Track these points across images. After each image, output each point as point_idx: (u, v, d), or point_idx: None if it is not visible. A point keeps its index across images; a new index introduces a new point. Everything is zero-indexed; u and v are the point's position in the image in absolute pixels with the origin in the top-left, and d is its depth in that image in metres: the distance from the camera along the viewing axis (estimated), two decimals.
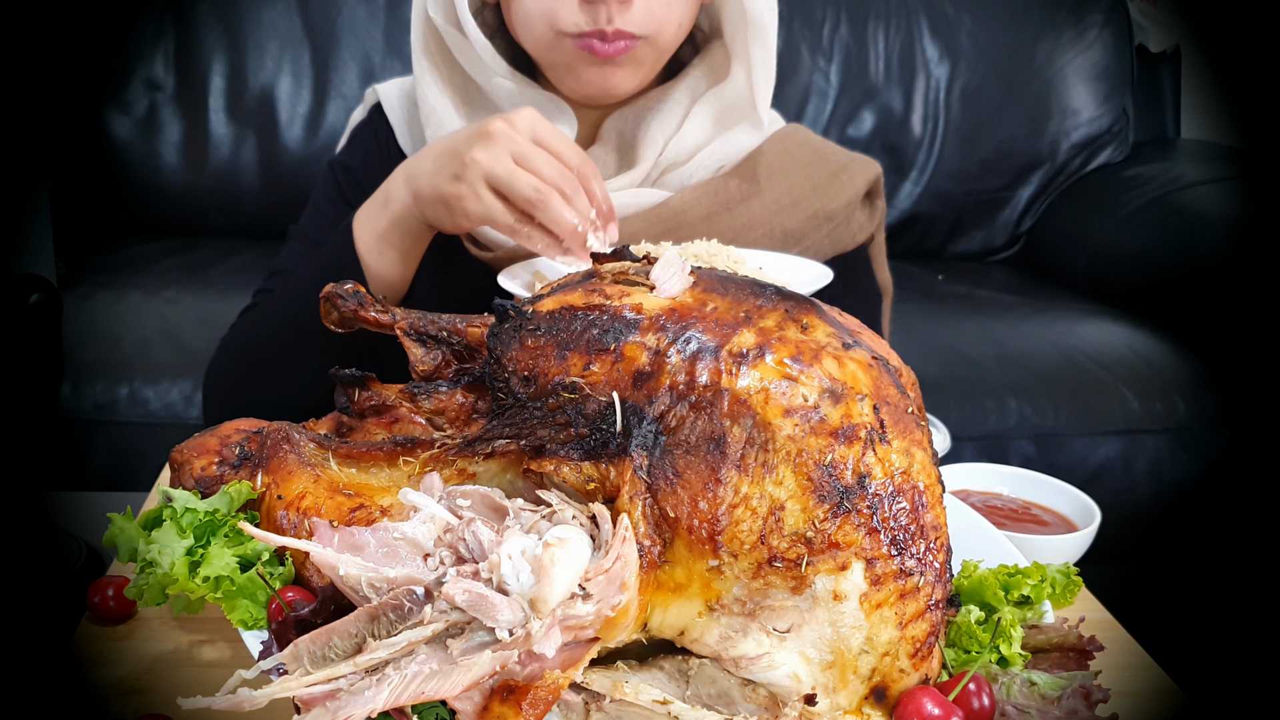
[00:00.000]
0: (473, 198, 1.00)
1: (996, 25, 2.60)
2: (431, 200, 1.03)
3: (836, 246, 1.24)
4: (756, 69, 1.18)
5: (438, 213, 1.04)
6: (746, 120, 1.22)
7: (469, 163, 0.99)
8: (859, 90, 2.58)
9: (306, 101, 2.43)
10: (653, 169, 1.22)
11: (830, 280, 1.08)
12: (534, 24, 1.12)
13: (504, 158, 0.99)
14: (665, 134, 1.21)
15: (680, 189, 1.22)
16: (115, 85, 2.39)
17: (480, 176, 0.99)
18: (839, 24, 2.57)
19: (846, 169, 1.26)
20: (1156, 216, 2.30)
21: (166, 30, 2.41)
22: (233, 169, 2.42)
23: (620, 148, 1.23)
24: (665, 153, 1.21)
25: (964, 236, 2.67)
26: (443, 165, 1.02)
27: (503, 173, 0.99)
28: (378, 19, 2.44)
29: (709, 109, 1.22)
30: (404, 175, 1.07)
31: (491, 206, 0.99)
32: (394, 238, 1.08)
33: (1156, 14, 2.82)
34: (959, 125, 2.59)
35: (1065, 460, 1.89)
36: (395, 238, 1.08)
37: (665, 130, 1.21)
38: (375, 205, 1.09)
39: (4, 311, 0.99)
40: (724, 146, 1.22)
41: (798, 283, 1.07)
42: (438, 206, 1.03)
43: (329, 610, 0.62)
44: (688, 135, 1.21)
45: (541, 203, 0.98)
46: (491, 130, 1.00)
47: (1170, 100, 2.88)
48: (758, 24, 1.16)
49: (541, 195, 0.98)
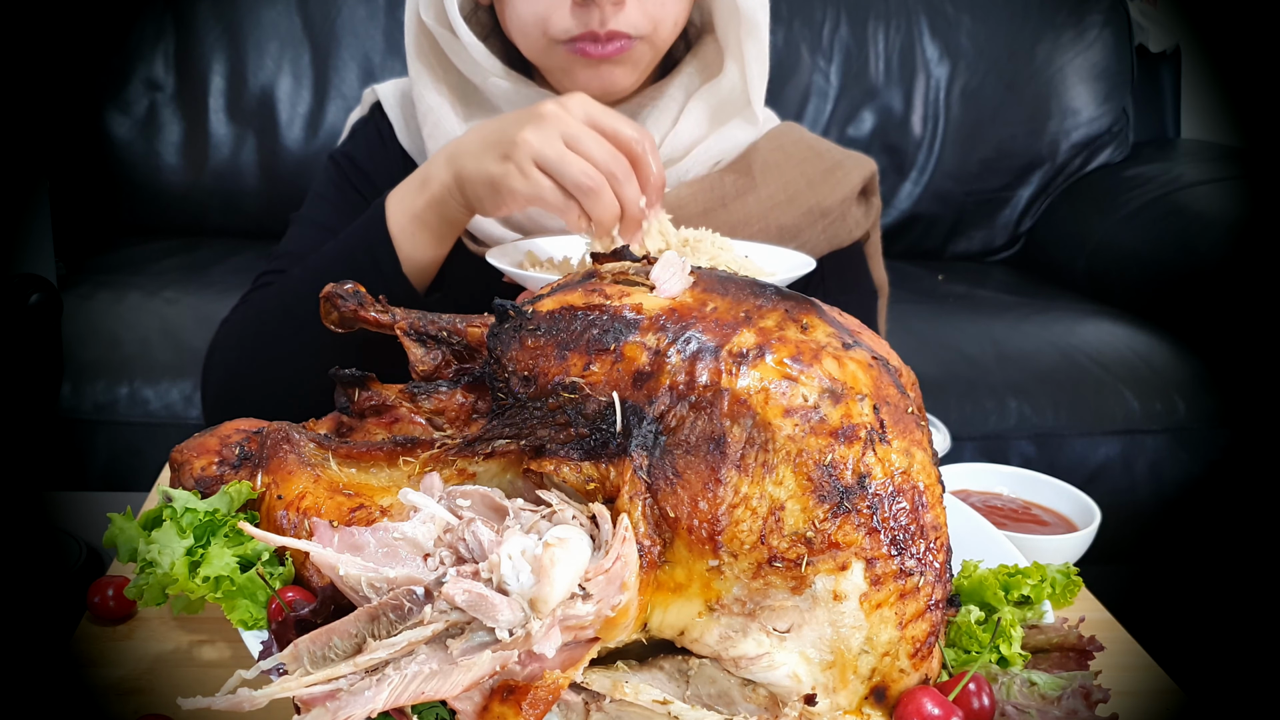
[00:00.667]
0: (520, 176, 0.97)
1: (996, 25, 2.61)
2: (477, 181, 1.01)
3: (832, 242, 1.24)
4: (750, 64, 1.18)
5: (481, 194, 1.02)
6: (741, 115, 1.22)
7: (519, 143, 0.97)
8: (859, 90, 2.58)
9: (306, 101, 2.43)
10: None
11: (813, 268, 1.07)
12: (528, 29, 1.12)
13: (555, 140, 0.97)
14: (661, 131, 1.21)
15: (676, 185, 1.22)
16: (115, 85, 2.39)
17: (529, 157, 0.97)
18: (839, 24, 2.57)
19: (841, 165, 1.26)
20: (1156, 216, 2.30)
21: (166, 30, 2.41)
22: (233, 169, 2.42)
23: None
24: (661, 149, 1.21)
25: (964, 236, 2.67)
26: (490, 146, 1.01)
27: (553, 155, 0.96)
28: (378, 19, 2.44)
29: (704, 105, 1.22)
30: (446, 156, 1.05)
31: (540, 184, 0.97)
32: (430, 219, 1.06)
33: (1156, 14, 2.82)
34: (959, 125, 2.59)
35: (1065, 460, 1.89)
36: (431, 219, 1.06)
37: (661, 127, 1.21)
38: (412, 186, 1.08)
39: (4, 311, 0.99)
40: (719, 142, 1.22)
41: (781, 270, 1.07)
42: (483, 187, 1.01)
43: (329, 610, 0.62)
44: (683, 132, 1.21)
45: (591, 191, 0.96)
46: (543, 112, 0.98)
47: (1170, 100, 2.88)
48: (750, 19, 1.16)
49: (592, 182, 0.96)
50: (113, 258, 2.26)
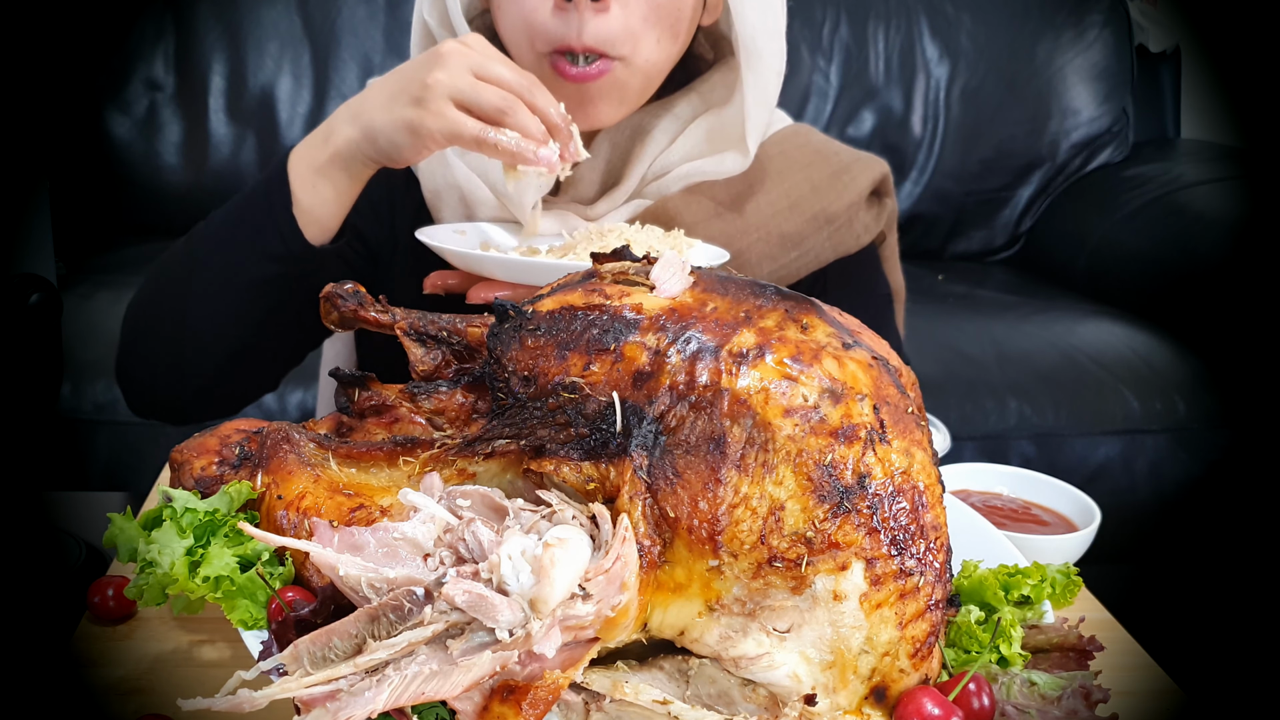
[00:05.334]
0: (436, 115, 0.99)
1: (996, 25, 2.61)
2: (391, 129, 1.02)
3: (839, 249, 1.22)
4: (748, 93, 1.14)
5: (399, 140, 1.02)
6: (736, 149, 1.19)
7: (430, 84, 0.99)
8: (859, 90, 2.58)
9: (306, 101, 2.44)
10: (639, 185, 1.21)
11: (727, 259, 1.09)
12: (517, 39, 1.11)
13: (465, 73, 0.99)
14: (657, 148, 1.19)
15: (661, 198, 1.19)
16: (115, 85, 2.39)
17: (444, 95, 0.99)
18: (839, 24, 2.57)
19: (849, 169, 1.23)
20: (1156, 216, 2.30)
21: (166, 30, 2.41)
22: (233, 169, 2.42)
23: (612, 161, 1.21)
24: (652, 166, 1.20)
25: (964, 236, 2.67)
26: (398, 93, 1.02)
27: (466, 86, 0.99)
28: (378, 19, 2.44)
29: (703, 128, 1.20)
30: (350, 112, 1.06)
31: (456, 120, 0.99)
32: (331, 172, 1.07)
33: (1156, 14, 2.82)
34: (959, 125, 2.59)
35: (1065, 460, 1.90)
36: (333, 172, 1.07)
37: (658, 144, 1.19)
38: (315, 140, 1.08)
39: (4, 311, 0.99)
40: (707, 166, 1.19)
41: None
42: (398, 134, 1.01)
43: (329, 610, 0.62)
44: (676, 150, 1.19)
45: (510, 108, 0.99)
46: (445, 51, 1.01)
47: (1170, 100, 2.88)
48: (750, 47, 1.12)
49: (508, 101, 0.99)
50: (113, 258, 2.27)
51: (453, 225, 1.16)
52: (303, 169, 1.07)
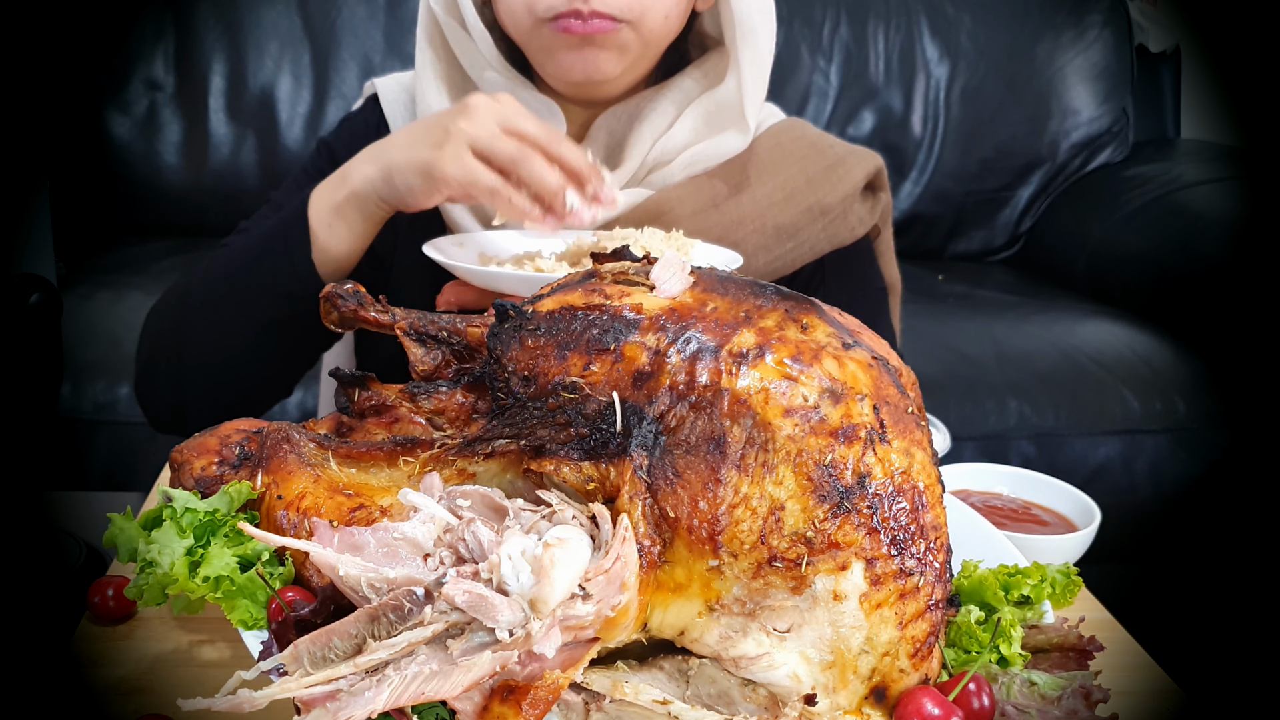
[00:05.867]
0: (452, 159, 1.00)
1: (996, 25, 2.61)
2: (408, 169, 1.03)
3: (833, 241, 1.23)
4: (745, 70, 1.17)
5: (413, 182, 1.03)
6: (735, 126, 1.21)
7: (453, 131, 1.01)
8: (859, 90, 2.58)
9: (306, 101, 2.43)
10: (639, 169, 1.21)
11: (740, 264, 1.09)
12: (515, 9, 1.12)
13: (490, 124, 1.01)
14: (655, 133, 1.21)
15: (662, 188, 1.21)
16: (115, 85, 2.39)
17: (464, 141, 1.00)
18: (839, 24, 2.57)
19: (843, 162, 1.24)
20: (1156, 216, 2.30)
21: (166, 30, 2.41)
22: (233, 169, 2.42)
23: (609, 146, 1.22)
24: (651, 153, 1.21)
25: (964, 236, 2.67)
26: (421, 136, 1.04)
27: (486, 135, 1.00)
28: (378, 19, 2.44)
29: (701, 111, 1.21)
30: (371, 153, 1.08)
31: (472, 168, 1.00)
32: (348, 212, 1.09)
33: (1156, 14, 2.82)
34: (959, 125, 2.59)
35: (1065, 460, 1.89)
36: (349, 212, 1.09)
37: (655, 130, 1.21)
38: (335, 180, 1.10)
39: (4, 311, 0.99)
40: (709, 149, 1.21)
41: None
42: (415, 175, 1.03)
43: (329, 610, 0.62)
44: (675, 135, 1.21)
45: (524, 159, 1.00)
46: (472, 103, 1.02)
47: (1170, 100, 2.88)
48: (746, 24, 1.15)
49: (523, 153, 1.00)
50: (113, 258, 2.26)
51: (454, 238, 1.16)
52: (321, 208, 1.10)
